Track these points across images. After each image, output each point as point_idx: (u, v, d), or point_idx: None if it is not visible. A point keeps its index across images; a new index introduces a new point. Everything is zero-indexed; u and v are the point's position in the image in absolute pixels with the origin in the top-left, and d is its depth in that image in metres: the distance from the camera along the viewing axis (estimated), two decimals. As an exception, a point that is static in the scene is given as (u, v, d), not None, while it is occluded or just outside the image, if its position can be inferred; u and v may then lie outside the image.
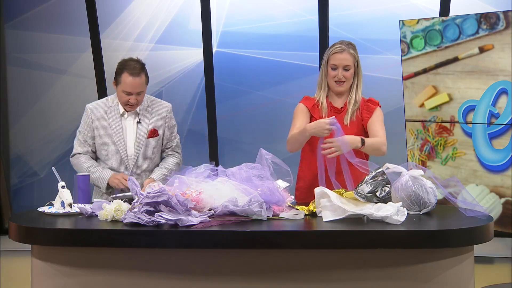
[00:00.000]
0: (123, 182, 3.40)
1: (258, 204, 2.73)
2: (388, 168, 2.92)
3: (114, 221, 2.73)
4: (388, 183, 2.88)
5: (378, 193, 2.85)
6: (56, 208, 2.95)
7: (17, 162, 5.90)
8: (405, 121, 4.81)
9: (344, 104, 3.46)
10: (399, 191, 2.84)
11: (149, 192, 2.69)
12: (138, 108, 3.54)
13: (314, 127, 3.24)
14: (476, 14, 4.34)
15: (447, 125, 4.58)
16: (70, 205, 2.93)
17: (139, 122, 3.55)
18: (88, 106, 3.58)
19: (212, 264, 2.61)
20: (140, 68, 3.44)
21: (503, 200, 4.36)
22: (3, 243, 5.22)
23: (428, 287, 2.59)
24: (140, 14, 5.67)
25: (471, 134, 4.47)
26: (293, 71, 5.56)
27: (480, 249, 3.12)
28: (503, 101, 4.26)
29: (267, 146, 3.17)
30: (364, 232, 2.58)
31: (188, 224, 2.61)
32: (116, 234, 2.61)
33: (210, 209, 2.79)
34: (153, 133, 3.56)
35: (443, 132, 4.61)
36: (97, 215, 2.80)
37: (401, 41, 4.72)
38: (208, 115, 5.63)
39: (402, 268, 2.58)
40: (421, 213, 2.85)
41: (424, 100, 4.66)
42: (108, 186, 3.47)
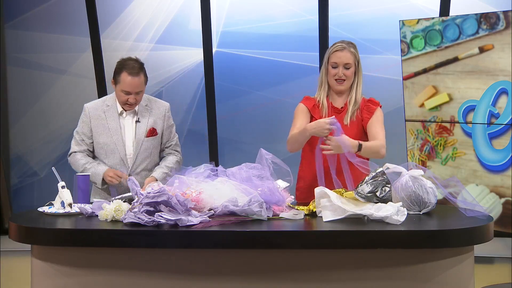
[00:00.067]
0: (117, 179, 3.40)
1: (258, 204, 2.73)
2: (388, 168, 2.92)
3: (114, 221, 2.73)
4: (388, 183, 2.88)
5: (378, 193, 2.85)
6: (56, 208, 2.95)
7: (17, 162, 5.90)
8: (405, 121, 4.81)
9: (345, 104, 3.46)
10: (399, 191, 2.84)
11: (149, 192, 2.70)
12: (137, 107, 3.54)
13: (314, 127, 3.24)
14: (476, 14, 4.34)
15: (447, 125, 4.58)
16: (70, 205, 2.93)
17: (138, 121, 3.55)
18: (86, 106, 3.58)
19: (212, 264, 2.61)
20: (139, 68, 3.45)
21: (503, 200, 4.36)
22: (3, 243, 5.22)
23: (428, 287, 2.59)
24: (140, 14, 5.67)
25: (471, 134, 4.47)
26: (293, 71, 5.56)
27: (480, 249, 3.12)
28: (503, 101, 4.26)
29: (267, 146, 3.16)
30: (364, 232, 2.58)
31: (188, 224, 2.61)
32: (116, 234, 2.61)
33: (210, 209, 2.79)
34: (152, 132, 3.56)
35: (443, 132, 4.60)
36: (97, 215, 2.80)
37: (401, 41, 4.72)
38: (208, 115, 5.63)
39: (402, 268, 2.58)
40: (421, 213, 2.85)
41: (424, 100, 4.66)
42: (104, 182, 3.47)
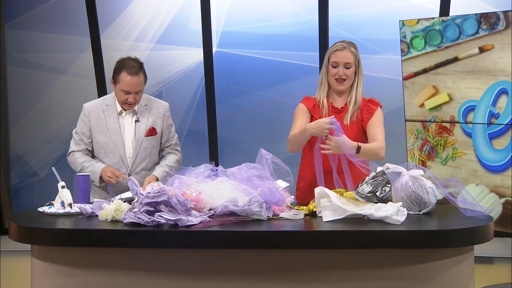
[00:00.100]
0: (115, 179, 3.40)
1: (258, 204, 2.73)
2: (388, 168, 2.92)
3: (114, 221, 2.73)
4: (388, 183, 2.88)
5: (378, 193, 2.84)
6: (56, 208, 2.95)
7: (17, 162, 5.90)
8: (405, 121, 4.81)
9: (345, 104, 3.45)
10: (399, 191, 2.84)
11: (149, 192, 2.70)
12: (136, 107, 3.55)
13: (314, 127, 3.24)
14: (476, 14, 4.34)
15: (447, 125, 4.58)
16: (70, 205, 2.93)
17: (137, 121, 3.55)
18: (86, 105, 3.59)
19: (212, 264, 2.61)
20: (139, 67, 3.45)
21: (503, 200, 4.36)
22: (3, 243, 5.22)
23: (428, 287, 2.59)
24: (140, 14, 5.67)
25: (471, 134, 4.47)
26: (293, 71, 5.56)
27: (480, 249, 3.12)
28: (503, 101, 4.26)
29: (267, 146, 3.16)
30: (364, 232, 2.58)
31: (188, 224, 2.61)
32: (116, 234, 2.61)
33: (210, 209, 2.79)
34: (152, 132, 3.56)
35: (443, 132, 4.60)
36: (97, 215, 2.80)
37: (401, 41, 4.72)
38: (208, 115, 5.62)
39: (402, 268, 2.58)
40: (421, 213, 2.84)
41: (424, 100, 4.66)
42: (101, 180, 3.46)
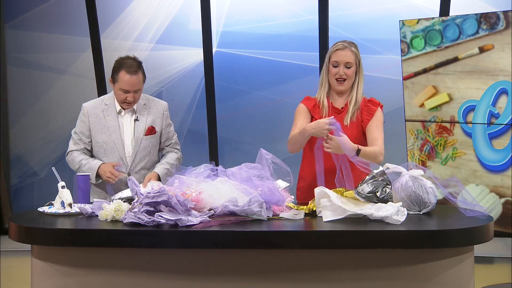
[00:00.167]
0: (114, 179, 3.40)
1: (258, 204, 2.73)
2: (388, 168, 2.92)
3: (114, 221, 2.73)
4: (389, 184, 2.88)
5: (379, 194, 2.84)
6: (56, 208, 2.95)
7: (17, 162, 5.90)
8: (405, 121, 4.81)
9: (345, 104, 3.45)
10: (399, 191, 2.84)
11: (149, 192, 2.70)
12: (135, 106, 3.55)
13: (314, 127, 3.24)
14: (476, 14, 4.34)
15: (447, 125, 4.58)
16: (70, 205, 2.93)
17: (137, 120, 3.56)
18: (85, 105, 3.59)
19: (212, 264, 2.61)
20: (137, 66, 3.46)
21: (503, 200, 4.36)
22: (3, 243, 5.22)
23: (428, 287, 2.59)
24: (140, 14, 5.67)
25: (471, 134, 4.47)
26: (293, 71, 5.56)
27: (480, 249, 3.12)
28: (503, 101, 4.26)
29: (267, 146, 3.17)
30: (364, 232, 2.58)
31: (188, 224, 2.61)
32: (116, 234, 2.61)
33: (210, 209, 2.79)
34: (151, 131, 3.57)
35: (443, 132, 4.60)
36: (97, 215, 2.80)
37: (401, 41, 4.72)
38: (208, 115, 5.62)
39: (402, 268, 2.58)
40: (421, 213, 2.84)
41: (424, 100, 4.66)
42: (98, 177, 3.46)
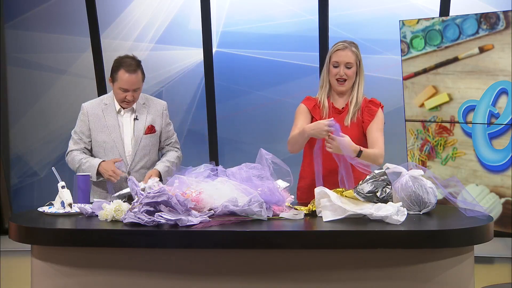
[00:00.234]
0: (115, 177, 3.40)
1: (258, 204, 2.73)
2: (388, 168, 2.92)
3: (114, 221, 2.73)
4: (389, 184, 2.88)
5: (379, 194, 2.84)
6: (56, 208, 2.95)
7: (17, 162, 5.90)
8: (405, 121, 4.81)
9: (346, 105, 3.45)
10: (399, 191, 2.84)
11: (149, 192, 2.70)
12: (135, 105, 3.56)
13: (313, 128, 3.23)
14: (476, 14, 4.34)
15: (447, 125, 4.58)
16: (70, 205, 2.93)
17: (136, 119, 3.56)
18: (84, 105, 3.60)
19: (212, 264, 2.61)
20: (136, 65, 3.46)
21: (503, 200, 4.36)
22: (3, 243, 5.21)
23: (428, 287, 2.59)
24: (140, 14, 5.67)
25: (471, 134, 4.47)
26: (293, 71, 5.56)
27: (480, 249, 3.12)
28: (503, 101, 4.26)
29: (267, 146, 3.16)
30: (364, 232, 2.58)
31: (188, 224, 2.61)
32: (116, 234, 2.61)
33: (210, 209, 2.79)
34: (151, 129, 3.57)
35: (443, 132, 4.60)
36: (97, 215, 2.80)
37: (401, 41, 4.71)
38: (208, 115, 5.62)
39: (402, 268, 2.58)
40: (421, 213, 2.84)
41: (424, 100, 4.66)
42: (99, 175, 3.46)
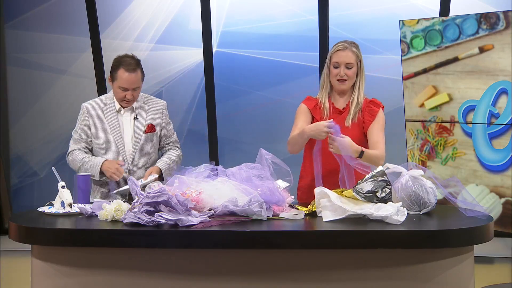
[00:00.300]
0: (118, 175, 3.40)
1: (258, 204, 2.73)
2: (388, 168, 2.92)
3: (114, 221, 2.73)
4: (389, 184, 2.87)
5: (379, 194, 2.84)
6: (56, 208, 2.95)
7: (17, 162, 5.90)
8: (405, 121, 4.81)
9: (346, 105, 3.44)
10: (399, 191, 2.84)
11: (149, 192, 2.70)
12: (134, 104, 3.57)
13: (313, 129, 3.23)
14: (476, 14, 4.34)
15: (447, 125, 4.58)
16: (70, 205, 2.93)
17: (136, 118, 3.57)
18: (84, 105, 3.61)
19: (212, 264, 2.61)
20: (136, 64, 3.47)
21: (503, 200, 4.36)
22: (3, 243, 5.21)
23: (428, 287, 2.59)
24: (140, 14, 5.67)
25: (471, 134, 4.47)
26: (293, 71, 5.56)
27: (480, 249, 3.12)
28: (503, 101, 4.26)
29: (267, 146, 3.16)
30: (364, 232, 2.58)
31: (188, 224, 2.61)
32: (116, 234, 2.61)
33: (210, 209, 2.79)
34: (151, 128, 3.58)
35: (443, 132, 4.60)
36: (97, 215, 2.80)
37: (401, 41, 4.71)
38: (208, 115, 5.62)
39: (402, 268, 2.58)
40: (421, 213, 2.84)
41: (424, 100, 4.66)
42: (102, 174, 3.46)
